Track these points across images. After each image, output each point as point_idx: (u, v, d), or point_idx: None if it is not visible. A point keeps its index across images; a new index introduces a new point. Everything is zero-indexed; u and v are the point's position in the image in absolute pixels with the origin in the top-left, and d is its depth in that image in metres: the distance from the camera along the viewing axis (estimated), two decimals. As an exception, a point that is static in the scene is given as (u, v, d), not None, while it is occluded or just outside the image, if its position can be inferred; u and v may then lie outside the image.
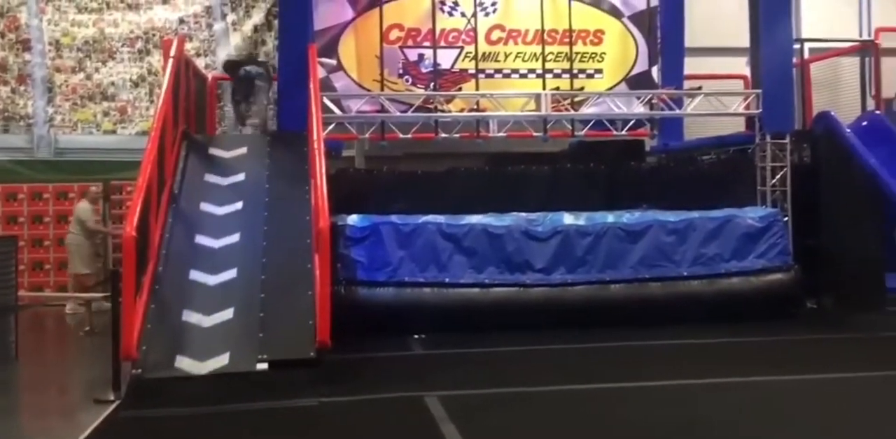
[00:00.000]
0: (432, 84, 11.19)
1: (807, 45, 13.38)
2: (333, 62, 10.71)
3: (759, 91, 9.87)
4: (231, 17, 11.99)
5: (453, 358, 7.66)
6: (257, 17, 11.98)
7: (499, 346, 7.95)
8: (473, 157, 12.17)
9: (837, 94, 12.88)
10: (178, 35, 10.85)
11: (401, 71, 11.31)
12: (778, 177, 9.76)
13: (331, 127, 10.40)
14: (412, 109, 10.28)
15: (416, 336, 8.46)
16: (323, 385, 6.41)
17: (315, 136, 8.00)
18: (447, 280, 8.77)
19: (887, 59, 12.86)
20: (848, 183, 9.49)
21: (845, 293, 9.47)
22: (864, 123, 9.79)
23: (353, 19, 11.19)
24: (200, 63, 11.73)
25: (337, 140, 10.55)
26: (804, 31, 13.99)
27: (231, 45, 12.04)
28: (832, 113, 9.98)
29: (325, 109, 9.61)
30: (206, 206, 8.04)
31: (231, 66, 11.06)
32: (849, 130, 9.46)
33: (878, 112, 10.61)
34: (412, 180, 10.85)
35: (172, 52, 8.70)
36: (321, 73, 10.88)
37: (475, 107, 10.87)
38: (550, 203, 9.96)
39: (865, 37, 12.49)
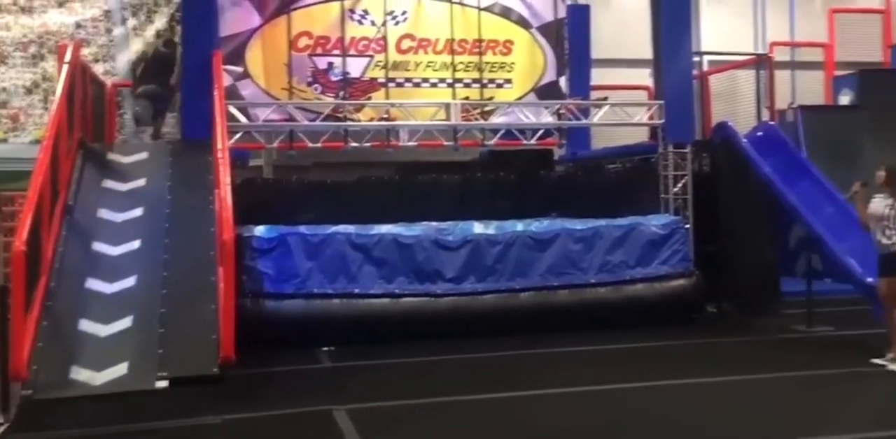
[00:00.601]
0: (342, 93, 11.10)
1: (706, 58, 13.91)
2: (239, 69, 10.48)
3: (661, 102, 10.16)
4: (132, 22, 11.57)
5: (363, 370, 7.58)
6: (160, 22, 11.60)
7: (409, 357, 7.90)
8: (385, 167, 12.13)
9: (735, 105, 13.42)
10: (75, 40, 10.40)
11: (310, 79, 11.17)
12: (680, 185, 10.05)
13: (237, 135, 10.17)
14: (321, 118, 10.13)
15: (325, 348, 8.32)
16: (227, 402, 6.23)
17: (220, 146, 7.78)
18: (357, 291, 8.69)
19: (781, 72, 13.49)
20: (744, 191, 9.85)
21: (743, 297, 9.81)
22: (760, 133, 10.18)
23: (261, 26, 10.99)
24: (99, 69, 11.29)
25: (243, 149, 10.32)
26: (704, 44, 14.53)
27: (132, 51, 11.63)
28: (730, 123, 10.36)
29: (231, 118, 9.40)
30: (102, 221, 7.73)
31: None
32: (745, 140, 9.82)
33: (772, 122, 11.06)
34: (322, 190, 10.73)
35: (68, 58, 8.35)
36: (228, 80, 10.66)
37: (385, 116, 10.82)
38: (461, 212, 10.00)
39: (761, 51, 13.03)
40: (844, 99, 12.45)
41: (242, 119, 9.54)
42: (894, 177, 6.95)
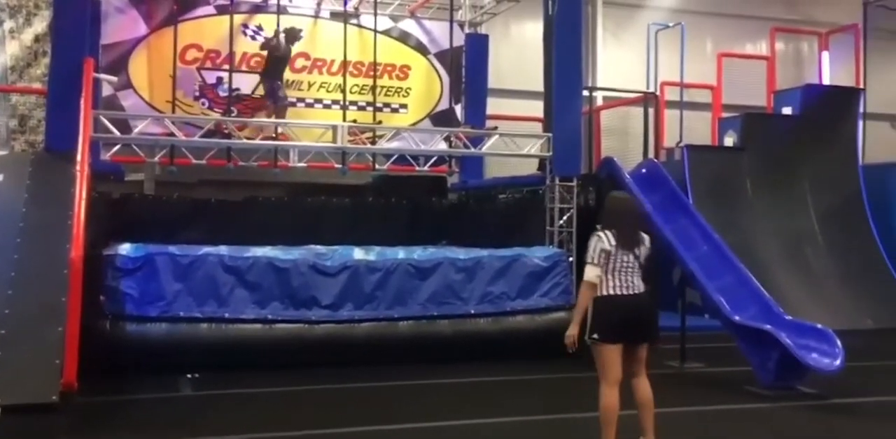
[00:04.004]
0: (232, 109, 10.77)
1: (600, 94, 14.19)
2: (114, 79, 10.01)
3: (550, 135, 10.22)
4: (9, 24, 11.00)
5: (224, 400, 7.19)
6: (39, 25, 11.05)
7: (278, 386, 7.57)
8: (275, 187, 11.80)
9: (627, 141, 13.72)
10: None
11: (197, 93, 10.84)
12: (565, 218, 10.11)
13: (115, 148, 9.72)
14: (200, 134, 9.74)
15: (189, 375, 7.90)
16: (63, 433, 5.80)
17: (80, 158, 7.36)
18: (227, 315, 8.29)
19: (672, 111, 13.87)
20: (626, 226, 9.94)
21: (623, 331, 9.84)
22: (643, 170, 10.36)
23: (147, 36, 10.63)
24: (-31, 72, 10.65)
25: (118, 162, 9.85)
26: (601, 81, 14.84)
27: (7, 54, 11.02)
28: (614, 159, 10.51)
29: (105, 129, 8.95)
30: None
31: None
32: (628, 176, 9.96)
33: (654, 159, 11.30)
34: (205, 208, 10.36)
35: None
36: (108, 90, 10.22)
37: (273, 135, 10.53)
38: (352, 236, 9.79)
39: (653, 89, 13.37)
40: (729, 140, 12.87)
41: (115, 131, 9.07)
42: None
